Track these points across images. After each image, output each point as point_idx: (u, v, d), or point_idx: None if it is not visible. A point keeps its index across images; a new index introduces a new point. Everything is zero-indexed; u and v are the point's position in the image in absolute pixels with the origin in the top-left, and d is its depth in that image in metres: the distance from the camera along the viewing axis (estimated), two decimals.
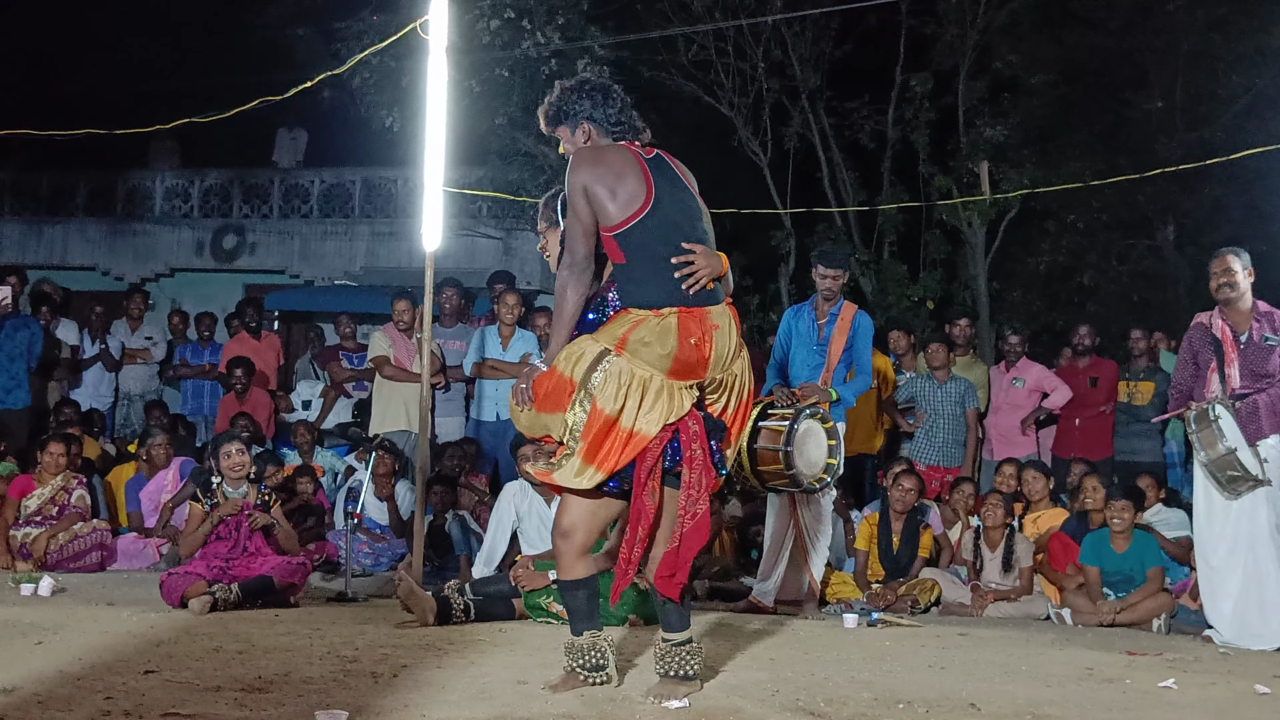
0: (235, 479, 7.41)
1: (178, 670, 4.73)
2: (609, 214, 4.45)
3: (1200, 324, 7.04)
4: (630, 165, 4.51)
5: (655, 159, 4.62)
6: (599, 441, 4.35)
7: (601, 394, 4.35)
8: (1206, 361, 6.91)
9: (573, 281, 4.52)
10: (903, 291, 14.77)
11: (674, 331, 4.38)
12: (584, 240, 4.51)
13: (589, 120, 4.65)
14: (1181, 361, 7.12)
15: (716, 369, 4.50)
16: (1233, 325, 6.87)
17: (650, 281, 4.44)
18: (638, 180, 4.48)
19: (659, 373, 4.37)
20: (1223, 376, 6.81)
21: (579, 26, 14.42)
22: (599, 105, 4.64)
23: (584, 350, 4.44)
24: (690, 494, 4.41)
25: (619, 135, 4.64)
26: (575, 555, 4.59)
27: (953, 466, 9.59)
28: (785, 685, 4.78)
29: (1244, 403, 6.74)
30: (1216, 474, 6.62)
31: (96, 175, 19.43)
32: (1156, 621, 7.32)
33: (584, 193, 4.47)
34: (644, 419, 4.34)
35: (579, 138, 4.67)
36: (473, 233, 16.82)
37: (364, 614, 6.74)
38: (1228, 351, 6.83)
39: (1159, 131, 14.57)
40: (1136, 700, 4.84)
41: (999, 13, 14.90)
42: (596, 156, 4.55)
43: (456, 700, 4.33)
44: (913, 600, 7.89)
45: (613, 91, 4.69)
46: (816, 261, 7.70)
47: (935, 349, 9.84)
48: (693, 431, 4.44)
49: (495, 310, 10.16)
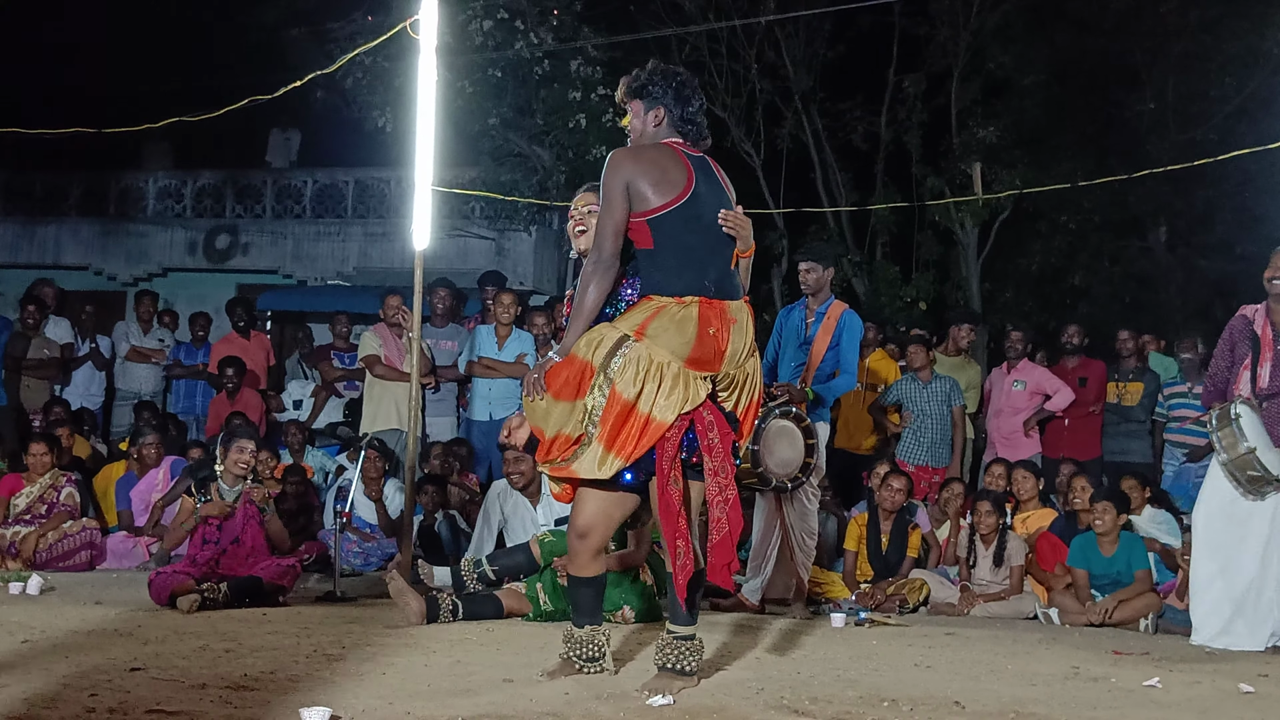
0: (237, 475, 7.39)
1: (164, 668, 4.73)
2: (647, 200, 4.50)
3: (1244, 316, 6.86)
4: (673, 159, 4.60)
5: (699, 160, 4.69)
6: (618, 427, 4.38)
7: (621, 378, 4.38)
8: (1243, 356, 6.75)
9: (597, 278, 4.54)
10: (895, 292, 14.81)
11: (695, 320, 4.42)
12: (614, 238, 4.53)
13: (666, 109, 4.71)
14: (1220, 351, 6.93)
15: (731, 364, 4.54)
16: (1275, 323, 6.71)
17: (676, 270, 4.50)
18: (679, 171, 4.57)
19: (677, 359, 4.41)
20: (1254, 374, 6.69)
21: (572, 27, 14.45)
22: (681, 100, 4.71)
23: (604, 336, 4.47)
24: (718, 480, 4.44)
25: (684, 133, 4.72)
26: (591, 555, 4.69)
27: (941, 466, 9.59)
28: (770, 683, 4.78)
29: (1271, 402, 6.62)
30: (1236, 474, 6.51)
31: (89, 175, 19.44)
32: (1144, 621, 7.35)
33: (625, 187, 4.50)
34: (661, 406, 4.38)
35: (650, 119, 4.74)
36: (465, 233, 16.84)
37: (352, 613, 6.73)
38: (1264, 349, 6.69)
39: (1150, 133, 14.64)
40: (1121, 699, 4.84)
41: (991, 14, 14.96)
42: (638, 153, 4.62)
43: (442, 698, 4.33)
44: (901, 600, 7.90)
45: (697, 94, 4.78)
46: (796, 257, 7.76)
47: (915, 350, 9.83)
48: (708, 421, 4.47)
49: (490, 310, 10.14)
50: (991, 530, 8.19)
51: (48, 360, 11.33)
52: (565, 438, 4.48)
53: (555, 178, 14.59)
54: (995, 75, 15.28)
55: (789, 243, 15.35)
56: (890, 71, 15.61)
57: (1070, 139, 15.09)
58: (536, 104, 14.63)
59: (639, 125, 4.77)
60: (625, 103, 4.83)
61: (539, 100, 14.57)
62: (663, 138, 4.71)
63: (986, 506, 8.25)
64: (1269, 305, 6.77)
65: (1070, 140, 15.07)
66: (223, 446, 7.48)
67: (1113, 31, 14.83)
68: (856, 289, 15.16)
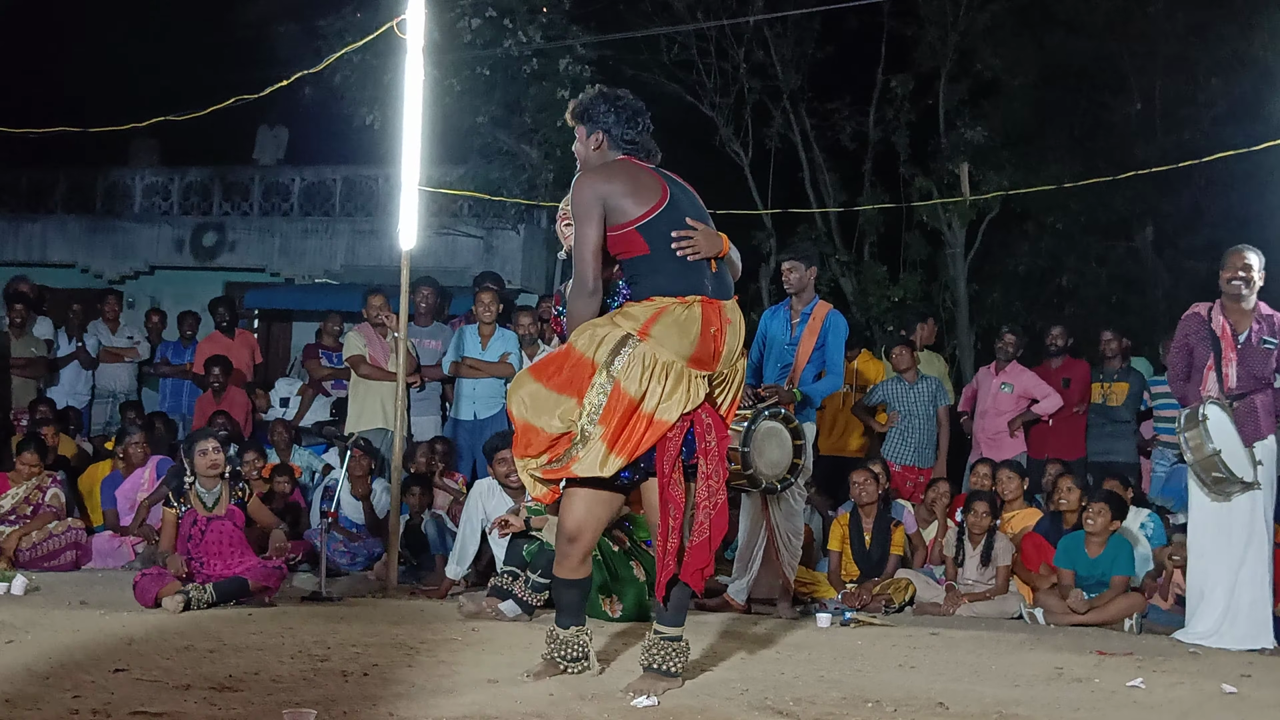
0: (210, 478, 7.27)
1: (148, 669, 4.73)
2: (628, 211, 4.52)
3: (1198, 315, 6.94)
4: (641, 170, 4.66)
5: (666, 174, 4.73)
6: (621, 425, 4.39)
7: (626, 376, 4.38)
8: (1203, 357, 6.84)
9: (579, 307, 4.58)
10: (883, 293, 14.82)
11: (698, 320, 4.46)
12: (594, 260, 4.54)
13: (605, 132, 4.74)
14: (1176, 351, 7.03)
15: (725, 363, 4.58)
16: (1233, 323, 6.80)
17: (677, 271, 4.52)
18: (652, 180, 4.62)
19: (680, 359, 4.42)
20: (1220, 375, 6.76)
21: (561, 25, 14.44)
22: (621, 123, 4.73)
23: (606, 333, 4.47)
24: (710, 484, 4.49)
25: (629, 151, 4.74)
26: (580, 558, 4.71)
27: (926, 467, 9.60)
28: (754, 684, 4.80)
29: (1241, 403, 6.70)
30: (1202, 475, 6.60)
31: (76, 172, 19.36)
32: (1128, 621, 7.37)
33: (600, 202, 4.52)
34: (665, 405, 4.40)
35: (590, 144, 4.77)
36: (453, 231, 16.82)
37: (338, 613, 6.73)
38: (1226, 350, 6.77)
39: (1138, 134, 14.66)
40: (1104, 700, 4.87)
41: (980, 15, 14.96)
42: (608, 171, 4.64)
43: (426, 698, 4.34)
44: (887, 599, 7.92)
45: (640, 115, 4.78)
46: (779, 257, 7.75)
47: (899, 352, 9.83)
48: (706, 424, 4.51)
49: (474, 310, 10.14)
50: (982, 530, 8.21)
51: (34, 359, 11.30)
52: (560, 436, 4.47)
53: (544, 176, 14.57)
54: (983, 76, 15.29)
55: (776, 242, 15.36)
56: (879, 72, 15.60)
57: (1058, 140, 15.10)
58: (525, 102, 14.61)
59: (582, 150, 4.81)
60: (570, 126, 4.88)
61: (527, 98, 14.55)
62: (608, 159, 4.73)
63: (983, 507, 8.26)
64: (1223, 305, 6.87)
65: (1058, 141, 15.08)
66: (186, 457, 7.32)
67: (1100, 34, 14.83)
68: (844, 289, 15.17)
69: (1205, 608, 6.77)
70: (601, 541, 6.77)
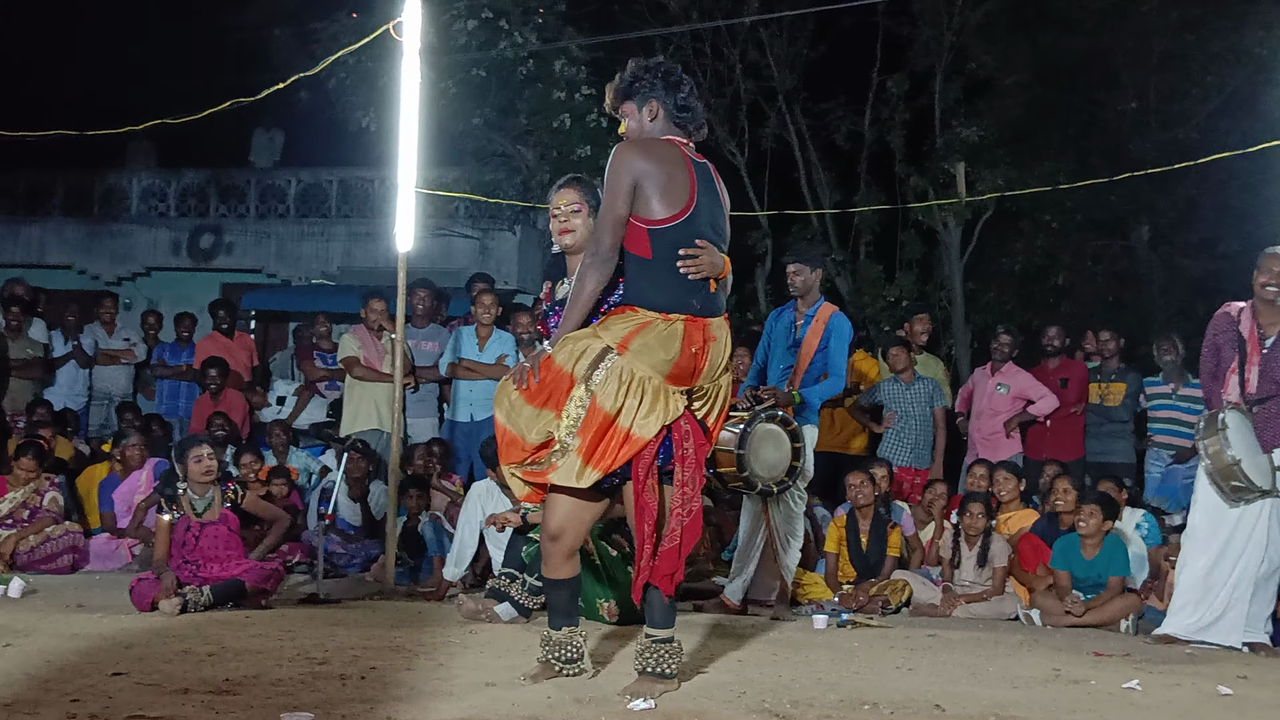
0: (203, 484, 7.23)
1: (147, 672, 4.72)
2: (652, 209, 4.46)
3: (1227, 315, 6.80)
4: (680, 166, 4.53)
5: (701, 167, 4.63)
6: (597, 440, 4.37)
7: (602, 391, 4.37)
8: (1229, 359, 6.71)
9: (593, 272, 4.50)
10: (878, 292, 14.84)
11: (679, 338, 4.43)
12: (613, 231, 4.48)
13: (659, 101, 4.66)
14: (1206, 350, 6.88)
15: (707, 379, 4.57)
16: (1261, 327, 6.66)
17: (668, 285, 4.47)
18: (685, 183, 4.50)
19: (658, 375, 4.41)
20: (1242, 379, 6.64)
21: (556, 27, 14.46)
22: (671, 89, 4.66)
23: (586, 346, 4.45)
24: (685, 491, 4.48)
25: (682, 121, 4.66)
26: (564, 557, 4.70)
27: (923, 468, 9.61)
28: (752, 686, 4.80)
29: (1261, 408, 6.59)
30: (1220, 483, 6.48)
31: (73, 175, 19.40)
32: (1124, 622, 7.37)
33: (632, 183, 4.44)
34: (641, 422, 4.37)
35: (645, 115, 4.67)
36: (449, 232, 16.84)
37: (336, 615, 6.73)
38: (1251, 353, 6.65)
39: (1133, 132, 14.68)
40: (1101, 701, 4.88)
41: (974, 14, 14.98)
42: (648, 149, 4.54)
43: (424, 701, 4.34)
44: (884, 601, 7.92)
45: (684, 79, 4.72)
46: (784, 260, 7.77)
47: (896, 352, 9.84)
48: (684, 430, 4.49)
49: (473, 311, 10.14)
50: (978, 531, 8.21)
51: (32, 360, 11.29)
52: (541, 443, 4.48)
53: (539, 178, 14.59)
54: (978, 75, 15.33)
55: (772, 242, 15.38)
56: (873, 71, 15.64)
57: (1053, 138, 15.13)
58: (520, 104, 14.63)
59: (636, 126, 4.69)
60: (616, 109, 4.76)
61: (523, 100, 14.58)
62: (662, 132, 4.65)
63: (979, 508, 8.26)
64: (1255, 306, 6.72)
65: (1053, 140, 15.11)
66: (179, 463, 7.26)
67: (1094, 31, 14.86)
68: (840, 288, 15.19)
69: (1197, 604, 6.72)
70: (600, 547, 6.79)
